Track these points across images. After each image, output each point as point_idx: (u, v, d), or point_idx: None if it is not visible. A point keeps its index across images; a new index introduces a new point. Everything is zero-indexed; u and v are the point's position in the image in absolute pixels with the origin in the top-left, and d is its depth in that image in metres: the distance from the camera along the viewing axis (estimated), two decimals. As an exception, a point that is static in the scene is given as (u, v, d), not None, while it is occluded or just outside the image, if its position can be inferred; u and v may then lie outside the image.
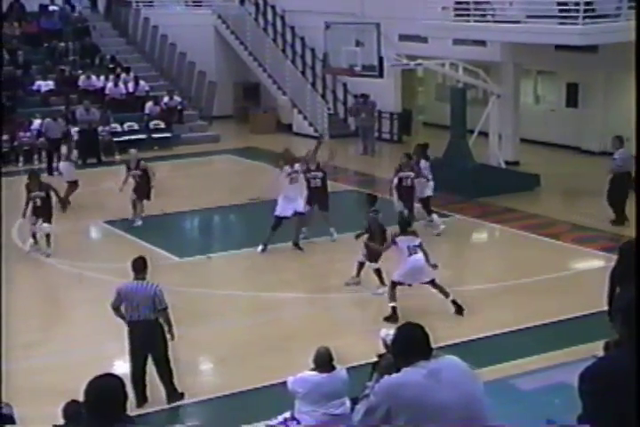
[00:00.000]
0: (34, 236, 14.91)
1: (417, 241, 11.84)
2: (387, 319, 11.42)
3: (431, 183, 15.81)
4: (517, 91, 21.17)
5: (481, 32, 19.30)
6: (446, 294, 11.94)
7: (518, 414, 7.67)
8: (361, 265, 13.00)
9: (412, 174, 15.38)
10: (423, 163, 15.91)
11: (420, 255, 11.72)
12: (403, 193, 15.37)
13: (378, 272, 12.77)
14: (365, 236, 13.02)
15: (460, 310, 11.90)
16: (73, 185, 17.89)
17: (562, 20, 17.43)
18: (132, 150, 17.48)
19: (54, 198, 15.50)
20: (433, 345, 4.68)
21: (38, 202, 14.83)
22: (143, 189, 16.46)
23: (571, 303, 12.15)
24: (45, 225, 14.77)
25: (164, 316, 9.45)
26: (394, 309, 11.65)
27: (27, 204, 14.85)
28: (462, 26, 19.32)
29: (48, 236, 14.81)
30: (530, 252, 14.87)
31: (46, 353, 10.91)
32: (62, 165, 18.89)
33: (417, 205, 15.75)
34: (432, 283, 11.86)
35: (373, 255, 12.82)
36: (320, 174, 15.09)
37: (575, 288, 13.11)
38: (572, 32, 17.08)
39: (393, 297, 11.72)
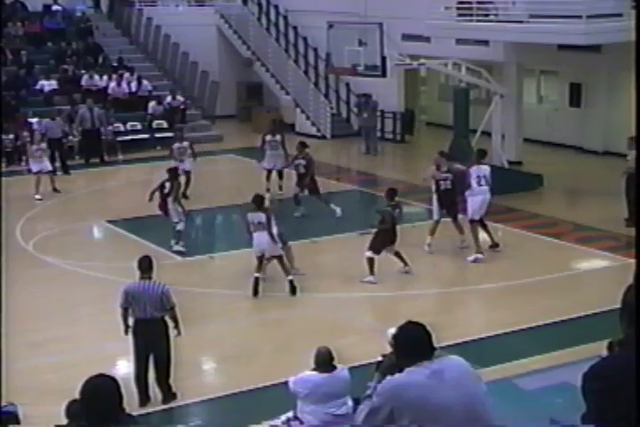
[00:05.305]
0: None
1: (262, 218, 12.61)
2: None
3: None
4: (520, 90, 21.16)
5: (484, 32, 19.28)
6: (287, 273, 12.76)
7: (521, 414, 7.65)
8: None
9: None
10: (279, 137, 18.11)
11: (260, 233, 12.58)
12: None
13: (370, 262, 13.16)
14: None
15: (293, 290, 12.65)
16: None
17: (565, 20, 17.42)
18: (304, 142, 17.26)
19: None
20: (436, 345, 4.67)
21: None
22: (305, 179, 16.64)
23: (574, 303, 12.15)
24: None
25: (171, 314, 9.46)
26: (256, 279, 12.67)
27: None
28: (465, 25, 19.30)
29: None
30: (532, 252, 14.85)
31: (50, 352, 10.91)
32: None
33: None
34: (278, 258, 12.80)
35: (375, 246, 13.18)
36: (451, 176, 14.54)
37: (578, 288, 13.12)
38: (575, 32, 17.05)
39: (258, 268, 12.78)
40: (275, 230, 12.71)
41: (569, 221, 16.57)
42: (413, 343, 4.60)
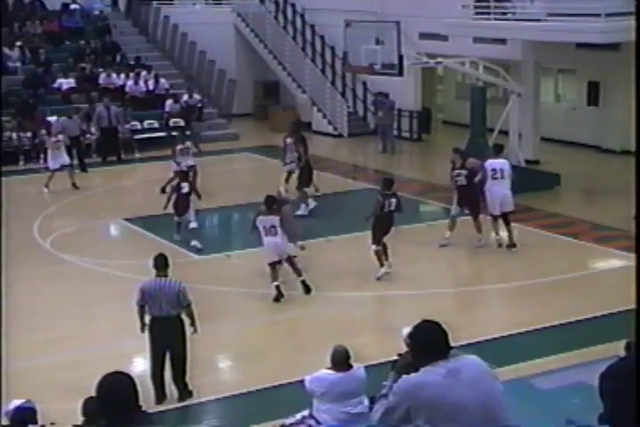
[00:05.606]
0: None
1: (275, 221, 12.36)
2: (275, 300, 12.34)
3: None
4: (538, 89, 21.07)
5: (501, 30, 19.23)
6: (299, 274, 12.63)
7: (537, 414, 7.63)
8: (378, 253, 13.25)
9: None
10: (289, 140, 17.41)
11: (273, 238, 12.33)
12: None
13: (377, 254, 13.15)
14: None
15: (307, 290, 12.55)
16: None
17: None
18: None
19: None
20: (451, 344, 4.65)
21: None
22: (306, 175, 17.09)
23: (590, 303, 12.09)
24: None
25: (187, 312, 9.48)
26: (277, 287, 12.37)
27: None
28: (483, 24, 19.26)
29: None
30: (549, 251, 14.79)
31: (66, 350, 10.95)
32: None
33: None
34: (288, 260, 12.59)
35: (376, 238, 13.18)
36: (464, 172, 14.40)
37: (595, 288, 13.04)
38: (594, 30, 16.96)
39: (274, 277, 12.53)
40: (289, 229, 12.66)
41: (586, 221, 16.50)
42: (429, 342, 4.58)
